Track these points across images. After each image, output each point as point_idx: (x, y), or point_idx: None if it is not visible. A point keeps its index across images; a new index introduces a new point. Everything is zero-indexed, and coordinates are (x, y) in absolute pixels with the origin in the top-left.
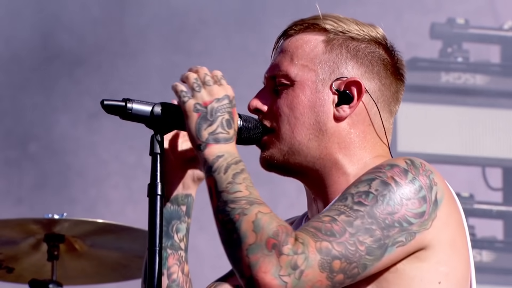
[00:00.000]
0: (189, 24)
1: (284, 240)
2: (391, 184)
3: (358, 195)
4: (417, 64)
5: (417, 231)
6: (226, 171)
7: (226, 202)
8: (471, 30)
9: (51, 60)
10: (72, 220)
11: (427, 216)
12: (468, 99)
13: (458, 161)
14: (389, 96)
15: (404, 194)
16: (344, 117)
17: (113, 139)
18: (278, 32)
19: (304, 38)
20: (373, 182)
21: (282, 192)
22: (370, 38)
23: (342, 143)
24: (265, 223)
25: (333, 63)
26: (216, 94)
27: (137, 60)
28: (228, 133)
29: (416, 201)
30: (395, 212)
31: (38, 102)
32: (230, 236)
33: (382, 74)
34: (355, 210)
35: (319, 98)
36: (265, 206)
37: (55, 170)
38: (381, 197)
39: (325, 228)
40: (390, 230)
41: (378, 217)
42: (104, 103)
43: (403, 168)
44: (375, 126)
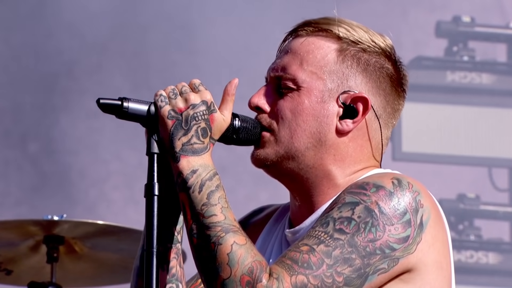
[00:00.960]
0: (190, 22)
1: (258, 277)
2: (375, 211)
3: (340, 222)
4: (422, 63)
5: (400, 256)
6: (200, 189)
7: (201, 227)
8: (477, 28)
9: (51, 59)
10: (72, 221)
11: (411, 240)
12: (474, 98)
13: (464, 161)
14: (390, 113)
15: (387, 220)
16: (346, 131)
17: (114, 138)
18: (281, 30)
19: (316, 43)
20: (357, 208)
21: (284, 195)
22: (380, 51)
23: (338, 155)
24: (240, 258)
25: (342, 74)
26: (191, 100)
27: (137, 58)
28: (203, 143)
29: (400, 226)
30: (376, 239)
31: (37, 101)
32: (205, 265)
33: (388, 90)
34: (335, 238)
35: (324, 108)
36: (240, 234)
37: (55, 170)
38: (363, 224)
39: (302, 260)
40: (371, 258)
41: (358, 245)
42: (100, 101)
43: (388, 191)
44: (372, 142)
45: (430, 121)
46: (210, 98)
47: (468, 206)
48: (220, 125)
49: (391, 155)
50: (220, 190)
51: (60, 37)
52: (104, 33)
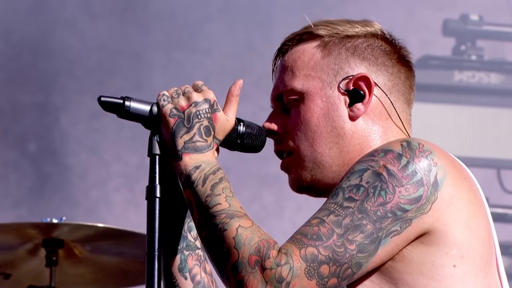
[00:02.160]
0: (192, 21)
1: (266, 254)
2: (383, 174)
3: (349, 190)
4: (429, 63)
5: (413, 217)
6: (204, 183)
7: (207, 218)
8: (485, 27)
9: (50, 57)
10: (71, 224)
11: (424, 200)
12: (483, 98)
13: (472, 163)
14: (401, 85)
15: (396, 181)
16: (359, 115)
17: (115, 139)
18: (286, 29)
19: (299, 49)
20: (365, 174)
21: (289, 196)
22: (365, 33)
23: (363, 143)
24: (246, 239)
25: (334, 65)
26: (194, 98)
27: (139, 57)
28: (206, 141)
29: (411, 187)
30: (387, 202)
31: (37, 101)
32: (214, 253)
33: (388, 64)
34: (345, 207)
35: (331, 103)
36: (245, 218)
37: (54, 172)
38: (372, 188)
39: (311, 233)
40: (383, 222)
41: (369, 210)
42: (102, 99)
43: (397, 153)
44: (393, 119)
45: (437, 121)
46: (213, 97)
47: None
48: (223, 124)
49: None
50: (224, 182)
51: (60, 35)
52: (105, 31)
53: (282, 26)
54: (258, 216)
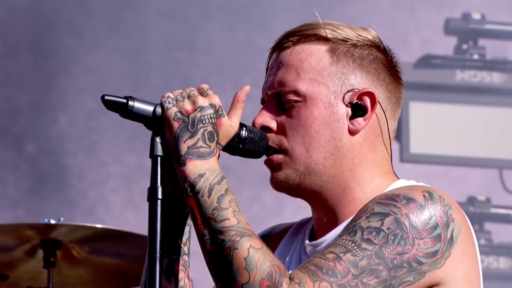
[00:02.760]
0: (191, 19)
1: (278, 282)
2: (405, 223)
3: (368, 232)
4: (431, 62)
5: (427, 270)
6: (210, 193)
7: (214, 232)
8: (487, 26)
9: (48, 56)
10: (69, 225)
11: (439, 255)
12: (485, 98)
13: (474, 163)
14: (394, 102)
15: (417, 233)
16: (358, 130)
17: (113, 139)
18: (286, 28)
19: (306, 49)
20: (386, 219)
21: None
22: (369, 43)
23: (356, 158)
24: (259, 262)
25: (341, 74)
26: (199, 103)
27: (137, 56)
28: (209, 147)
29: (429, 241)
30: (405, 253)
31: (34, 100)
32: (221, 271)
33: (387, 80)
34: (363, 248)
35: (333, 112)
36: (255, 238)
37: (52, 172)
38: (392, 236)
39: (327, 267)
40: (398, 271)
41: (386, 257)
42: (105, 98)
43: (419, 203)
44: (383, 136)
45: (438, 121)
46: (219, 102)
47: (478, 209)
48: (227, 130)
49: (399, 156)
50: (230, 194)
51: (58, 34)
52: (103, 30)
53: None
54: (258, 216)
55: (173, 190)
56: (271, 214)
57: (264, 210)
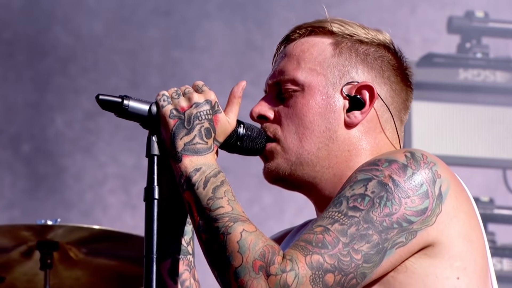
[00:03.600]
0: (190, 18)
1: (271, 260)
2: (389, 184)
3: (354, 199)
4: (433, 60)
5: (418, 229)
6: (205, 185)
7: (209, 221)
8: (491, 24)
9: (45, 56)
10: (66, 226)
11: (429, 212)
12: (488, 97)
13: (477, 163)
14: (399, 103)
15: (403, 192)
16: (355, 123)
17: (111, 140)
18: (286, 26)
19: (310, 41)
20: (370, 183)
21: (289, 198)
22: (378, 42)
23: (353, 150)
24: (251, 243)
25: (342, 66)
26: (195, 99)
27: (135, 56)
28: (206, 143)
29: (417, 198)
30: (393, 213)
31: (31, 100)
32: (216, 258)
33: (393, 79)
34: (350, 216)
35: (330, 103)
36: (249, 223)
37: (49, 173)
38: (378, 199)
39: (316, 240)
40: (389, 233)
41: (375, 221)
42: (100, 97)
43: (402, 163)
44: (386, 133)
45: (441, 121)
46: (214, 98)
47: (481, 210)
48: (224, 127)
49: None
50: (226, 185)
51: (55, 33)
52: (101, 29)
53: (282, 24)
54: (258, 217)
55: (171, 189)
56: (271, 215)
57: (264, 211)
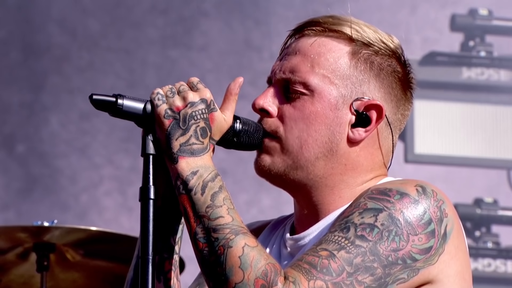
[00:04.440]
0: (188, 16)
1: (273, 281)
2: (399, 219)
3: (362, 228)
4: (436, 59)
5: (421, 267)
6: (203, 191)
7: (208, 230)
8: (495, 22)
9: (40, 55)
10: (63, 227)
11: (433, 251)
12: (492, 96)
13: (481, 163)
14: (400, 119)
15: (411, 229)
16: (358, 140)
17: (107, 141)
18: (285, 25)
19: (327, 44)
20: (380, 215)
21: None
22: (391, 53)
23: (349, 164)
24: (253, 260)
25: (356, 79)
26: (190, 98)
27: (132, 55)
28: (202, 143)
29: (424, 236)
30: (400, 249)
31: (26, 100)
32: (213, 270)
33: (399, 96)
34: (357, 245)
35: (337, 116)
36: (250, 236)
37: (43, 174)
38: (387, 232)
39: (321, 265)
40: (393, 268)
41: (381, 254)
42: (93, 97)
43: (413, 198)
44: (382, 149)
45: (444, 120)
46: (210, 96)
47: (485, 211)
48: (220, 125)
49: (403, 157)
50: (224, 191)
51: (50, 32)
52: (97, 28)
53: (281, 23)
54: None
55: (166, 188)
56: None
57: (262, 214)
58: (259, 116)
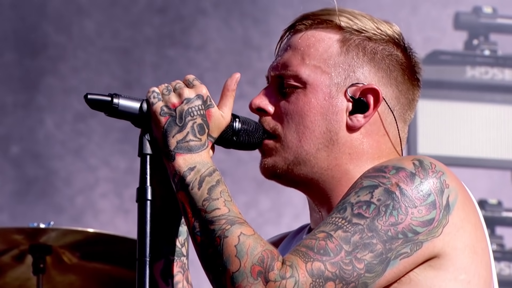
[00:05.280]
0: (185, 15)
1: (270, 266)
2: (395, 192)
3: (358, 206)
4: (439, 58)
5: (424, 240)
6: (200, 185)
7: (204, 223)
8: (499, 20)
9: (35, 55)
10: (60, 229)
11: (436, 223)
12: (496, 96)
13: (485, 164)
14: (405, 104)
15: (409, 202)
16: (357, 127)
17: (102, 142)
18: (284, 24)
19: (316, 35)
20: (376, 191)
21: (287, 202)
22: (387, 38)
23: (354, 153)
24: (249, 247)
25: (348, 66)
26: (186, 95)
27: (128, 55)
28: (200, 140)
29: (424, 208)
30: (399, 223)
31: (20, 101)
32: (211, 262)
33: (400, 79)
34: (354, 223)
35: (332, 104)
36: (246, 226)
37: (38, 176)
38: (384, 207)
39: (318, 246)
40: (393, 243)
41: (379, 229)
42: (88, 97)
43: (409, 171)
44: (390, 136)
45: (447, 120)
46: (206, 92)
47: (489, 212)
48: (218, 121)
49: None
50: (222, 185)
51: (45, 31)
52: (93, 27)
53: (280, 21)
54: (255, 222)
55: (165, 188)
56: (268, 220)
57: (261, 216)
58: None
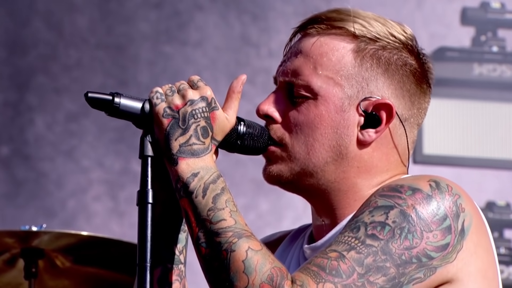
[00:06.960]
0: (182, 10)
1: (280, 284)
2: (411, 215)
3: (373, 227)
4: (446, 55)
5: (438, 266)
6: (204, 193)
7: (210, 234)
8: (508, 15)
9: (25, 53)
10: (52, 232)
11: (450, 248)
12: (505, 93)
13: (493, 164)
14: (416, 114)
15: (425, 225)
16: (368, 142)
17: (95, 143)
18: (284, 21)
19: (329, 43)
20: (391, 212)
21: (287, 205)
22: (401, 46)
23: (362, 167)
24: (258, 264)
25: (362, 78)
26: (189, 96)
27: (123, 52)
28: (203, 143)
29: (439, 233)
30: (413, 247)
31: (10, 100)
32: (217, 276)
33: (413, 90)
34: (368, 245)
35: (344, 118)
36: (254, 239)
37: (28, 178)
38: (399, 230)
39: (330, 267)
40: (407, 267)
41: (393, 253)
42: (89, 95)
43: (426, 193)
44: (398, 148)
45: (454, 119)
46: (211, 94)
47: (497, 215)
48: (222, 124)
49: (412, 157)
50: (227, 193)
51: (35, 28)
52: (85, 23)
53: (279, 18)
54: (254, 225)
55: (166, 193)
56: (268, 223)
57: (261, 218)
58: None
